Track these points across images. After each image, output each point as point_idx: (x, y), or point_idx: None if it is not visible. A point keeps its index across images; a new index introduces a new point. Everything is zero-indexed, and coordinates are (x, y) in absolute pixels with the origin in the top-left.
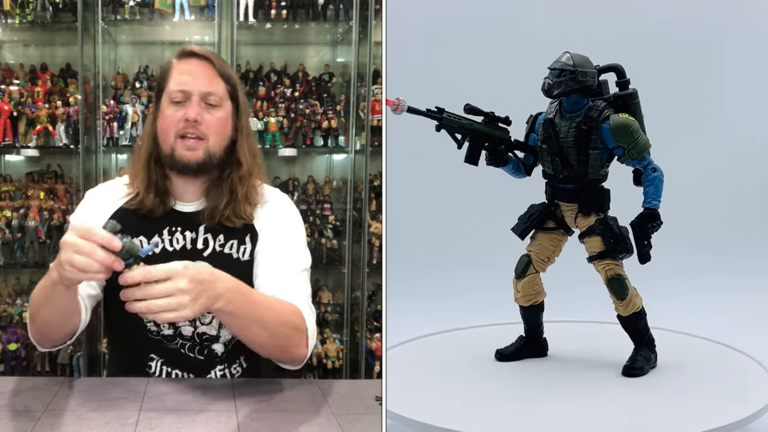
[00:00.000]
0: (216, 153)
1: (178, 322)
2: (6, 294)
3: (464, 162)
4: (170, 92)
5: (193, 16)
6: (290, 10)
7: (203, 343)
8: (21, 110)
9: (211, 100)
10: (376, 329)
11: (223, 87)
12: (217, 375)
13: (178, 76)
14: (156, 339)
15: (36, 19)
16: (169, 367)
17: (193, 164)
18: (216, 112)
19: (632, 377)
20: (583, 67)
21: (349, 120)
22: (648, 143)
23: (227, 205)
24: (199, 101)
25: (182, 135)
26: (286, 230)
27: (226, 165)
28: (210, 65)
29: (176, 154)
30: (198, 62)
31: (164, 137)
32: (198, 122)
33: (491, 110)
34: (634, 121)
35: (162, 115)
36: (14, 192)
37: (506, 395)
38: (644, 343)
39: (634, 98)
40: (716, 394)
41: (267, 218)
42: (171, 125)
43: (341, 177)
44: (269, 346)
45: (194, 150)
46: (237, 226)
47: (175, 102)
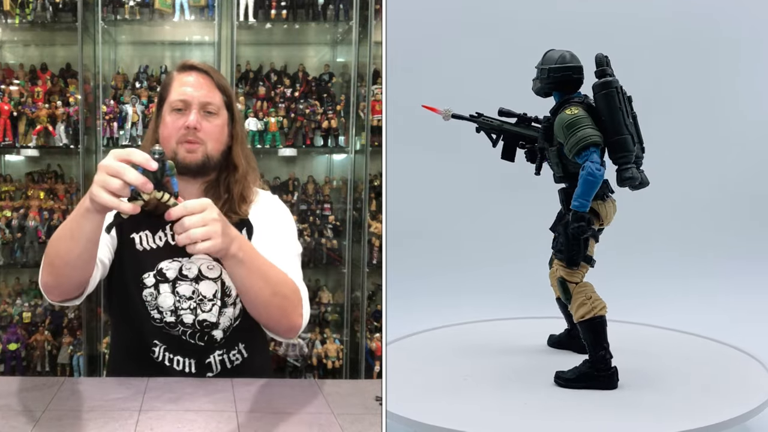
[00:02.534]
0: (213, 156)
1: (179, 310)
2: (6, 294)
3: (501, 159)
4: (171, 102)
5: (193, 16)
6: (290, 10)
7: (203, 330)
8: (21, 110)
9: (210, 109)
10: (376, 329)
11: (220, 97)
12: (216, 360)
13: (179, 87)
14: (159, 326)
15: (36, 19)
16: (171, 353)
17: (192, 166)
18: (214, 120)
19: (557, 384)
20: (552, 64)
21: (349, 120)
22: (588, 139)
23: (224, 204)
24: (198, 110)
25: (182, 141)
26: (277, 222)
27: (222, 168)
28: (209, 78)
29: (178, 158)
30: (198, 75)
31: (166, 143)
32: (197, 129)
33: (523, 111)
34: (574, 116)
35: (163, 122)
36: (14, 192)
37: (506, 394)
38: (590, 358)
39: (605, 88)
40: (715, 391)
41: (260, 213)
42: (173, 132)
43: (341, 177)
44: (271, 306)
45: (194, 153)
46: (233, 221)
47: (176, 110)
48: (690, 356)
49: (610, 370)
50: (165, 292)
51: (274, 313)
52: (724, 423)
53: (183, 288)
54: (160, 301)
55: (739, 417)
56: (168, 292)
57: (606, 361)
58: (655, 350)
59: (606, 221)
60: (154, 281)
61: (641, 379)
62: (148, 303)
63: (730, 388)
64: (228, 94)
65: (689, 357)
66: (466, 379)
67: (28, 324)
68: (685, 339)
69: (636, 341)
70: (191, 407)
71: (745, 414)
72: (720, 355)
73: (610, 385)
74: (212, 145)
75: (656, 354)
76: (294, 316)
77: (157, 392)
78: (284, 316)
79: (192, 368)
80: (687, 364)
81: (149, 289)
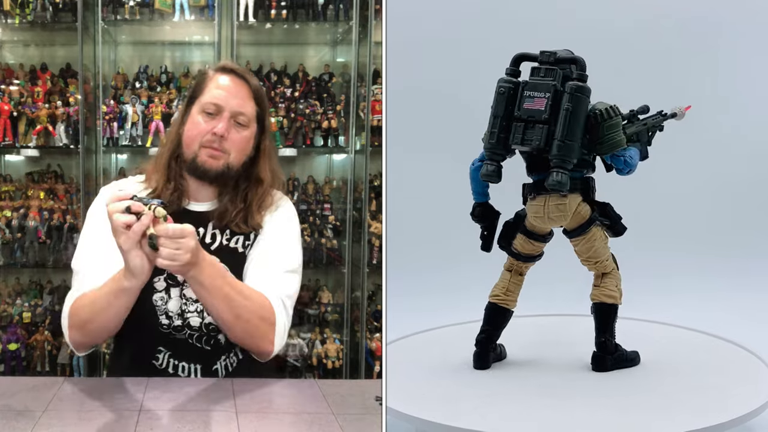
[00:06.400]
0: (234, 167)
1: (185, 313)
2: (6, 294)
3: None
4: (203, 103)
5: (193, 16)
6: (290, 10)
7: (210, 333)
8: (21, 110)
9: (240, 120)
10: (376, 329)
11: (253, 108)
12: (221, 366)
13: (215, 89)
14: (166, 332)
15: (36, 19)
16: (176, 360)
17: (212, 173)
18: (242, 131)
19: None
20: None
21: (349, 120)
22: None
23: (239, 213)
24: (229, 118)
25: (206, 146)
26: (283, 233)
27: (242, 177)
28: (246, 86)
29: (198, 161)
30: (236, 80)
31: (189, 143)
32: (224, 138)
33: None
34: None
35: (191, 121)
36: (14, 192)
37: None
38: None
39: (583, 93)
40: (717, 390)
41: (271, 220)
42: (198, 134)
43: (341, 177)
44: (234, 328)
45: (216, 159)
46: (243, 231)
47: (206, 113)
48: (693, 353)
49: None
50: (175, 296)
51: (239, 334)
52: (724, 424)
53: (190, 290)
54: (170, 306)
55: (740, 417)
56: (177, 295)
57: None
58: (657, 347)
59: (539, 220)
60: (165, 285)
61: (643, 376)
62: (158, 308)
63: (733, 387)
64: (262, 107)
65: (692, 354)
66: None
67: (28, 324)
68: (688, 336)
69: (638, 337)
70: (191, 407)
71: (747, 414)
72: (723, 352)
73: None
74: (235, 155)
75: (659, 351)
76: (262, 342)
77: (157, 392)
78: (249, 340)
79: (198, 374)
80: (689, 361)
81: (160, 293)
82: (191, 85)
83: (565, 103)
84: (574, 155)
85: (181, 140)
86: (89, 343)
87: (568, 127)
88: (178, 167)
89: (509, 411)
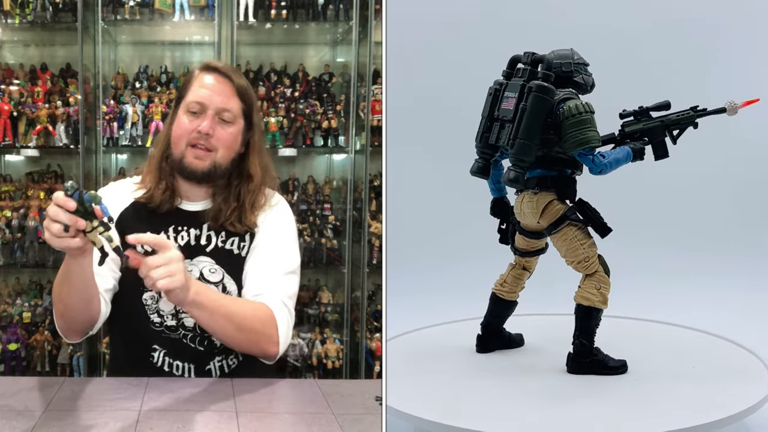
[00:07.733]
0: (222, 165)
1: (180, 313)
2: (6, 294)
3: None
4: (188, 102)
5: (193, 16)
6: (290, 10)
7: (204, 334)
8: (21, 110)
9: (225, 117)
10: (376, 329)
11: (238, 105)
12: (216, 366)
13: (198, 88)
14: (159, 330)
15: (36, 19)
16: (171, 358)
17: (198, 173)
18: (228, 128)
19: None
20: (569, 59)
21: (349, 120)
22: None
23: (233, 212)
24: (213, 116)
25: (193, 144)
26: (280, 233)
27: (233, 175)
28: (229, 83)
29: (185, 161)
30: (219, 78)
31: (176, 143)
32: (210, 135)
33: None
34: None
35: (177, 121)
36: (14, 192)
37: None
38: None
39: (546, 94)
40: (713, 388)
41: (266, 221)
42: (184, 134)
43: (341, 177)
44: (238, 339)
45: (202, 160)
46: (239, 230)
47: (191, 112)
48: (690, 352)
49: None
50: None
51: (243, 344)
52: (722, 420)
53: None
54: (161, 305)
55: (738, 414)
56: None
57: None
58: (654, 346)
59: (519, 216)
60: None
61: (642, 374)
62: (148, 306)
63: (730, 385)
64: (248, 103)
65: (689, 352)
66: (467, 373)
67: (28, 324)
68: (685, 334)
69: (636, 336)
70: (191, 407)
71: (744, 411)
72: (721, 350)
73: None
74: (223, 152)
75: (656, 349)
76: (267, 345)
77: (157, 392)
78: (254, 346)
79: (191, 374)
80: (686, 360)
81: (150, 292)
82: (180, 87)
83: (522, 103)
84: (529, 153)
85: (170, 141)
86: (73, 329)
87: (524, 126)
88: (168, 167)
89: (509, 411)
